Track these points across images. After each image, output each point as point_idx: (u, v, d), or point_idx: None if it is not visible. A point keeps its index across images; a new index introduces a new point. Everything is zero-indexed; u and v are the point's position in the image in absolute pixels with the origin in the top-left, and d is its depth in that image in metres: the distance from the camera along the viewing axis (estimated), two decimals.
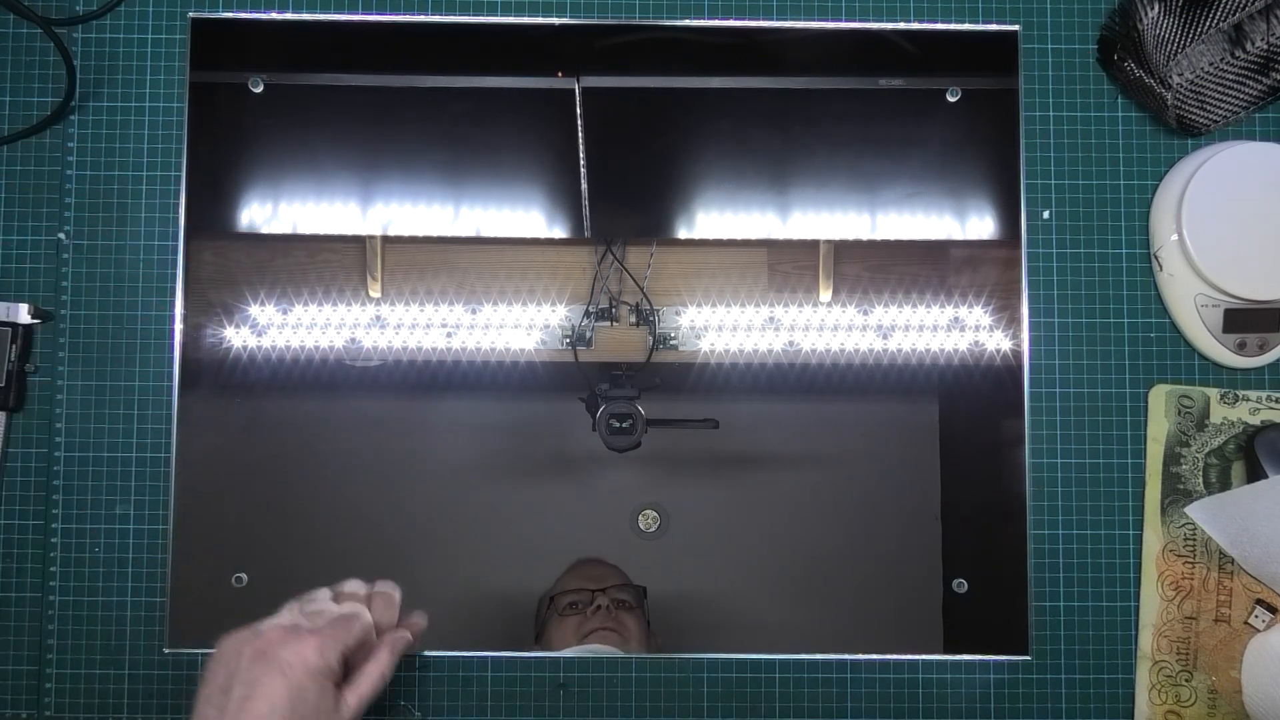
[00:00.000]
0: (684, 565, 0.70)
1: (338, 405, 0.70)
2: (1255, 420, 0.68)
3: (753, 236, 0.71)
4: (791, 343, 0.70)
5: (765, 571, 0.69)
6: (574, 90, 0.70)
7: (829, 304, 0.71)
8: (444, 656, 0.67)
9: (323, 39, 0.71)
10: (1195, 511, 0.68)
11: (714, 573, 0.70)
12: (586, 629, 0.67)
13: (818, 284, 0.71)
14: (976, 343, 0.70)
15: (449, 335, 0.70)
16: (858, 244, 0.71)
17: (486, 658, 0.67)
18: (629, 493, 0.71)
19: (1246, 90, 0.68)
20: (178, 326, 0.69)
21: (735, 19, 0.71)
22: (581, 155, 0.70)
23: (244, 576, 0.68)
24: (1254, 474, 0.67)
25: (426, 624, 0.61)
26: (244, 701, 0.51)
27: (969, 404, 0.70)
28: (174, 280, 0.69)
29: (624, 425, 0.69)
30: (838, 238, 0.71)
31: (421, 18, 0.71)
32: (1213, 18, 0.65)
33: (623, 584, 0.69)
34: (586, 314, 0.71)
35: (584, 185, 0.71)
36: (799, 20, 0.71)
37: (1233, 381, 0.69)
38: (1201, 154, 0.69)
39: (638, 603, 0.69)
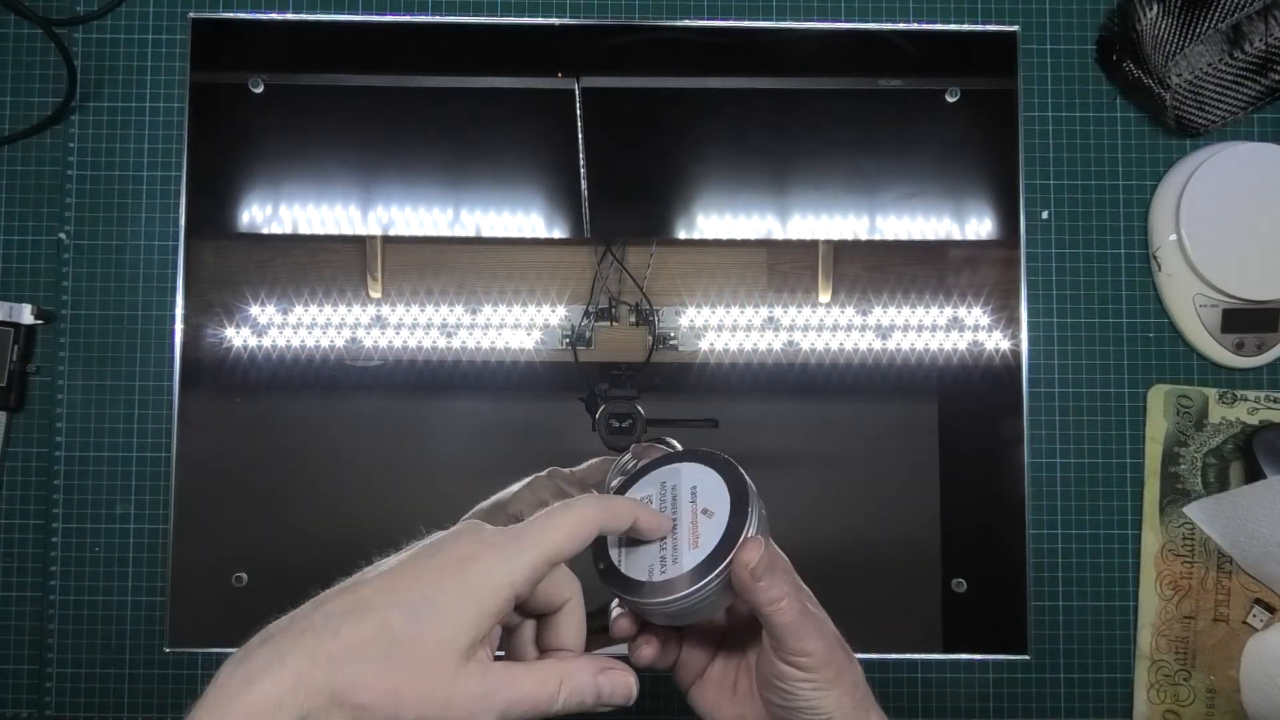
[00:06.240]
0: None
1: (338, 405, 0.70)
2: (1253, 420, 0.68)
3: (752, 237, 0.71)
4: (791, 343, 0.70)
5: None
6: (574, 90, 0.70)
7: (828, 304, 0.71)
8: None
9: (323, 39, 0.71)
10: (1194, 511, 0.68)
11: None
12: None
13: (817, 284, 0.71)
14: (975, 343, 0.70)
15: (449, 335, 0.70)
16: (857, 244, 0.71)
17: None
18: None
19: (1245, 91, 0.68)
20: (178, 326, 0.69)
21: (735, 19, 0.71)
22: (581, 155, 0.70)
23: (244, 576, 0.68)
24: (1252, 474, 0.67)
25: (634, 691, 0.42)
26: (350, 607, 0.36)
27: (968, 404, 0.70)
28: (174, 280, 0.69)
29: (624, 425, 0.69)
30: (837, 238, 0.71)
31: (422, 18, 0.71)
32: (1211, 18, 0.65)
33: None
34: (586, 314, 0.71)
35: (584, 185, 0.71)
36: (798, 20, 0.71)
37: (1231, 381, 0.69)
38: (1200, 154, 0.69)
39: None
